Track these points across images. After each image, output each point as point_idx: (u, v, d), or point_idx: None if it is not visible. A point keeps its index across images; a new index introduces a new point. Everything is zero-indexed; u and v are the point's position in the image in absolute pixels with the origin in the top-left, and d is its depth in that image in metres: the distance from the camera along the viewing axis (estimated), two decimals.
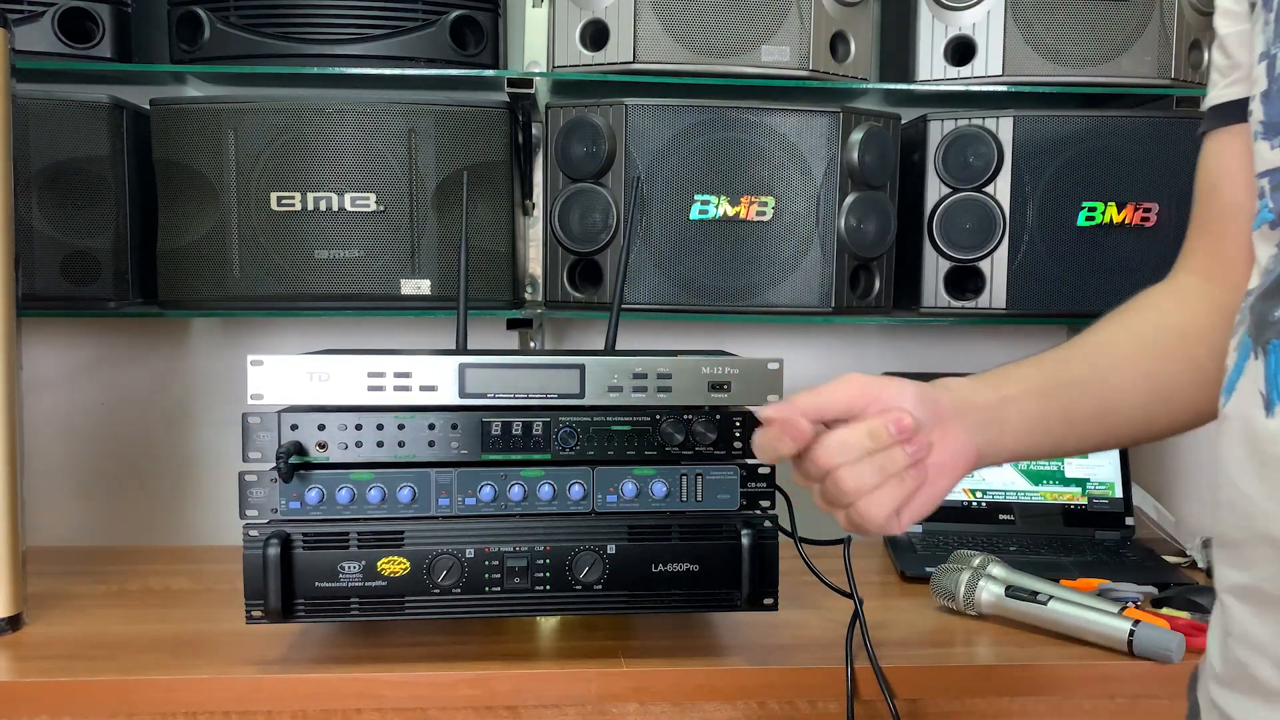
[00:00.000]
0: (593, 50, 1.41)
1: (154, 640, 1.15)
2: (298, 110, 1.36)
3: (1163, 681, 1.10)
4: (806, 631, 1.18)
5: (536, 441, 1.08)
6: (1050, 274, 1.45)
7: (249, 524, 1.04)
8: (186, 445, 1.65)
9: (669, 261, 1.41)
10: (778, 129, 1.40)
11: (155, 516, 1.64)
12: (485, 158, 1.39)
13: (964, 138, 1.45)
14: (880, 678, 1.06)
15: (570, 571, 1.06)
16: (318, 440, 1.05)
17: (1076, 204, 1.45)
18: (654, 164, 1.40)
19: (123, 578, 1.38)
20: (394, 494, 1.05)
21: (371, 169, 1.37)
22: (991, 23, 1.44)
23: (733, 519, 1.08)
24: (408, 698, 1.05)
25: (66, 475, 1.63)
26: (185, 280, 1.39)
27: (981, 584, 1.21)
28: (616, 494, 1.08)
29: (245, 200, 1.37)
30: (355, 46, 1.40)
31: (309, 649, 1.11)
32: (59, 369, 1.62)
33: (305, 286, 1.38)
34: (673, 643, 1.14)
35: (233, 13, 1.39)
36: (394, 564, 1.05)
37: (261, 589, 1.03)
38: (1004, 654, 1.14)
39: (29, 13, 1.37)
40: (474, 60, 1.44)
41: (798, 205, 1.41)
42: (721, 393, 1.09)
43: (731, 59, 1.40)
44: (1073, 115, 1.45)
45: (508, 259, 1.42)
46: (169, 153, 1.38)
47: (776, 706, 1.08)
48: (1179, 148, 1.45)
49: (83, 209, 1.38)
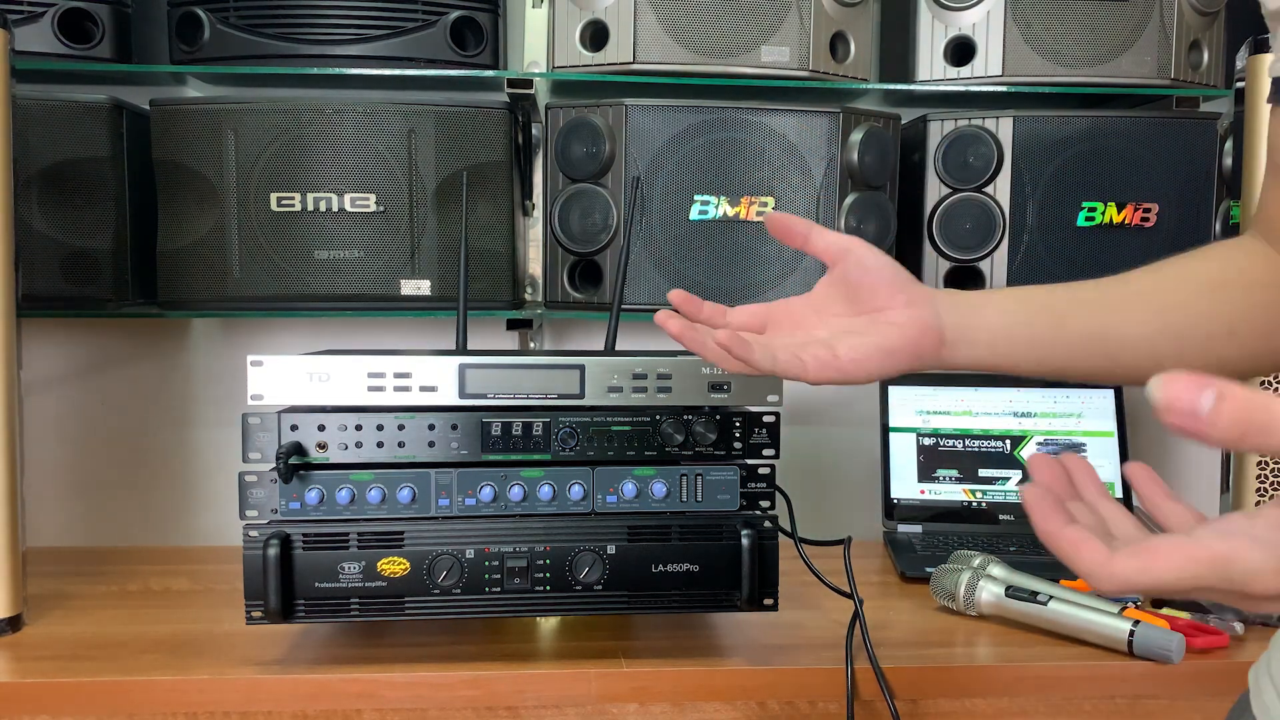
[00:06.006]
0: (593, 50, 1.41)
1: (154, 640, 1.15)
2: (298, 110, 1.36)
3: (1163, 681, 1.10)
4: (806, 631, 1.18)
5: (536, 442, 1.08)
6: (1050, 274, 1.45)
7: (249, 524, 1.04)
8: (186, 445, 1.65)
9: (669, 262, 1.41)
10: (777, 129, 1.40)
11: (155, 516, 1.64)
12: (485, 158, 1.39)
13: (964, 138, 1.45)
14: (880, 678, 1.06)
15: (570, 572, 1.06)
16: (318, 441, 1.05)
17: (1076, 204, 1.45)
18: (654, 164, 1.40)
19: (123, 578, 1.38)
20: (394, 494, 1.05)
21: (371, 169, 1.37)
22: (991, 23, 1.44)
23: (733, 519, 1.08)
24: (408, 698, 1.05)
25: (66, 475, 1.63)
26: (185, 280, 1.39)
27: (981, 584, 1.21)
28: (616, 494, 1.08)
29: (245, 200, 1.37)
30: (355, 47, 1.40)
31: (309, 649, 1.11)
32: (59, 369, 1.62)
33: (305, 287, 1.38)
34: (673, 643, 1.14)
35: (232, 13, 1.39)
36: (394, 564, 1.05)
37: (261, 589, 1.03)
38: (1004, 654, 1.14)
39: (29, 13, 1.37)
40: (474, 61, 1.44)
41: (798, 205, 1.41)
42: (721, 393, 1.09)
43: (731, 59, 1.40)
44: (1072, 115, 1.45)
45: (508, 259, 1.42)
46: (169, 153, 1.38)
47: (776, 706, 1.08)
48: (1179, 148, 1.45)
49: (83, 209, 1.38)
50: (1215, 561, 0.48)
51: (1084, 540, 0.51)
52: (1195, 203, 1.45)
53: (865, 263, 0.77)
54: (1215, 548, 0.48)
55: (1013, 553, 1.42)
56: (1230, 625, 1.17)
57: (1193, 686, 1.10)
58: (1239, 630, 1.18)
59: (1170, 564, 0.49)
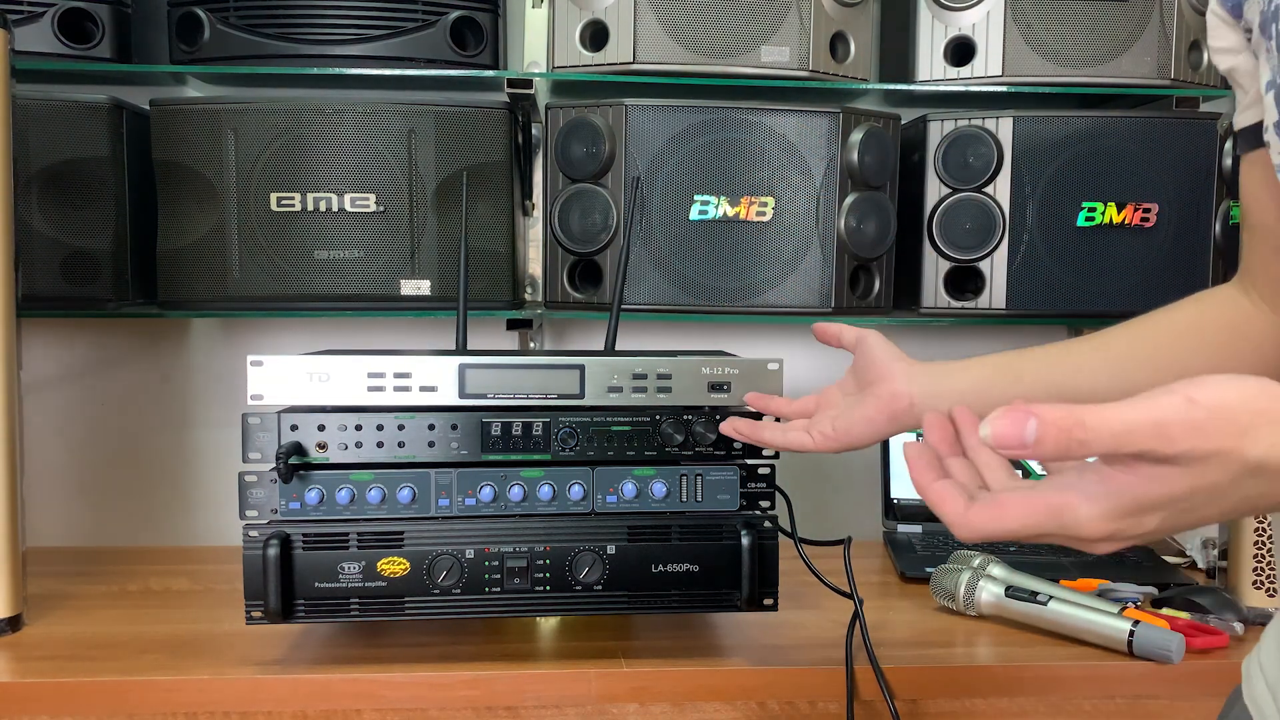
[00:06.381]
0: (592, 50, 1.41)
1: (154, 640, 1.15)
2: (297, 110, 1.36)
3: (1163, 682, 1.10)
4: (806, 631, 1.18)
5: (536, 442, 1.08)
6: (1050, 274, 1.45)
7: (249, 524, 1.04)
8: (186, 445, 1.65)
9: (669, 262, 1.41)
10: (777, 129, 1.40)
11: (155, 516, 1.64)
12: (485, 158, 1.39)
13: (964, 138, 1.45)
14: (880, 678, 1.06)
15: (570, 572, 1.06)
16: (317, 441, 1.05)
17: (1076, 204, 1.45)
18: (654, 164, 1.40)
19: (123, 578, 1.38)
20: (394, 494, 1.05)
21: (371, 169, 1.37)
22: (991, 23, 1.44)
23: (733, 519, 1.08)
24: (408, 698, 1.05)
25: (66, 475, 1.63)
26: (185, 280, 1.39)
27: (981, 584, 1.21)
28: (616, 494, 1.08)
29: (245, 200, 1.37)
30: (355, 47, 1.40)
31: (309, 649, 1.11)
32: (58, 369, 1.62)
33: (305, 287, 1.38)
34: (673, 643, 1.14)
35: (232, 13, 1.39)
36: (394, 564, 1.05)
37: (261, 589, 1.03)
38: (1004, 654, 1.14)
39: (29, 13, 1.37)
40: (474, 61, 1.44)
41: (797, 205, 1.41)
42: (721, 393, 1.09)
43: (731, 59, 1.40)
44: (1072, 115, 1.45)
45: (508, 259, 1.42)
46: (169, 153, 1.38)
47: (776, 706, 1.08)
48: (1178, 148, 1.45)
49: (82, 209, 1.38)
50: (1051, 510, 0.55)
51: (947, 493, 0.59)
52: (1195, 203, 1.45)
53: (870, 352, 0.94)
54: (1051, 499, 0.55)
55: (1012, 553, 1.42)
56: (1230, 625, 1.17)
57: (1192, 686, 1.10)
58: (1239, 630, 1.18)
59: (1015, 514, 0.56)
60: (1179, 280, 1.45)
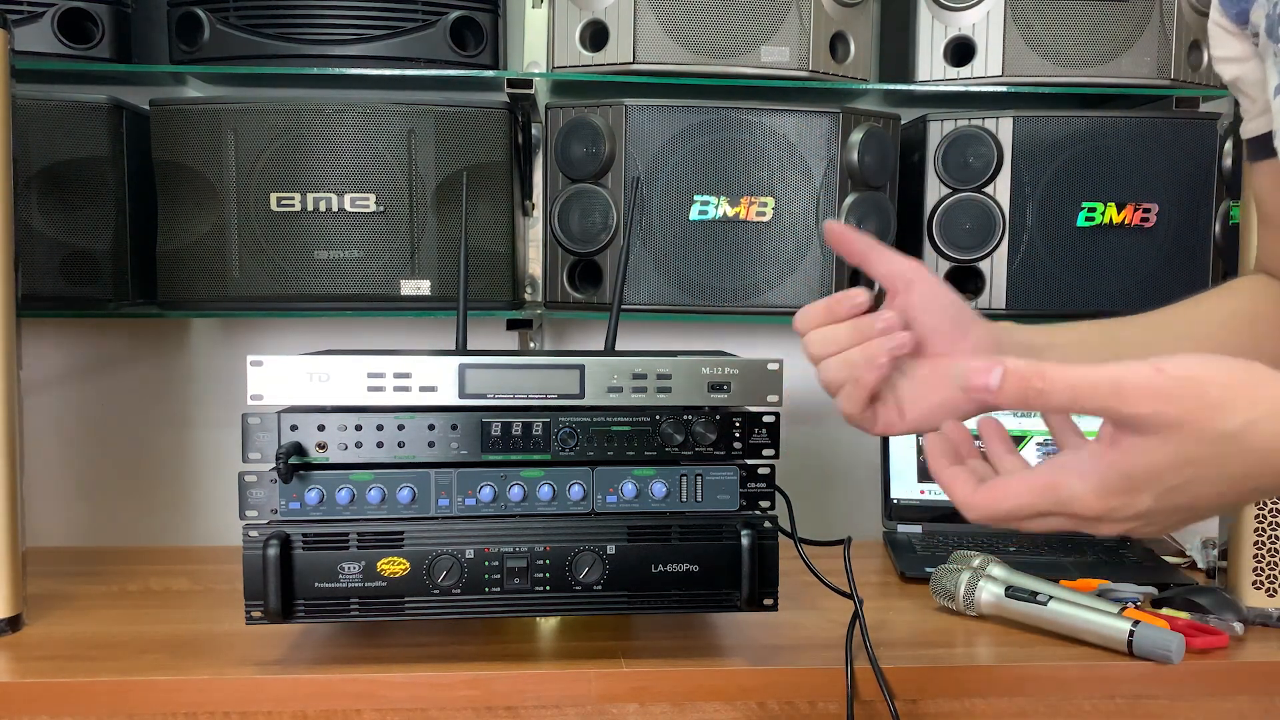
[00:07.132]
0: (592, 50, 1.41)
1: (154, 640, 1.15)
2: (297, 110, 1.36)
3: (1163, 682, 1.10)
4: (806, 631, 1.18)
5: (536, 442, 1.08)
6: (1050, 274, 1.45)
7: (249, 524, 1.04)
8: (186, 445, 1.65)
9: (669, 262, 1.41)
10: (777, 129, 1.40)
11: (155, 516, 1.64)
12: (485, 158, 1.39)
13: (964, 138, 1.45)
14: (880, 678, 1.06)
15: (570, 572, 1.06)
16: (317, 441, 1.05)
17: (1076, 204, 1.45)
18: (654, 164, 1.40)
19: (123, 578, 1.38)
20: (394, 494, 1.05)
21: (371, 169, 1.37)
22: (991, 23, 1.44)
23: (733, 519, 1.08)
24: (408, 698, 1.05)
25: (66, 475, 1.63)
26: (185, 280, 1.39)
27: (981, 584, 1.21)
28: (616, 494, 1.08)
29: (245, 201, 1.37)
30: (355, 47, 1.40)
31: (309, 649, 1.11)
32: (58, 369, 1.62)
33: (305, 287, 1.38)
34: (673, 643, 1.14)
35: (232, 13, 1.39)
36: (394, 564, 1.05)
37: (261, 589, 1.03)
38: (1004, 654, 1.14)
39: (29, 13, 1.37)
40: (474, 61, 1.44)
41: (797, 205, 1.41)
42: (721, 393, 1.09)
43: (731, 59, 1.40)
44: (1072, 115, 1.45)
45: (507, 259, 1.42)
46: (169, 153, 1.38)
47: (776, 706, 1.08)
48: (1178, 148, 1.45)
49: (82, 209, 1.38)
50: (1046, 488, 0.57)
51: (957, 477, 0.62)
52: (1195, 203, 1.45)
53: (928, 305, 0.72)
54: (1047, 477, 0.58)
55: (1013, 553, 1.42)
56: (1230, 625, 1.17)
57: (1192, 687, 1.10)
58: (1239, 630, 1.18)
59: (1013, 493, 0.58)
60: (1179, 280, 1.45)
